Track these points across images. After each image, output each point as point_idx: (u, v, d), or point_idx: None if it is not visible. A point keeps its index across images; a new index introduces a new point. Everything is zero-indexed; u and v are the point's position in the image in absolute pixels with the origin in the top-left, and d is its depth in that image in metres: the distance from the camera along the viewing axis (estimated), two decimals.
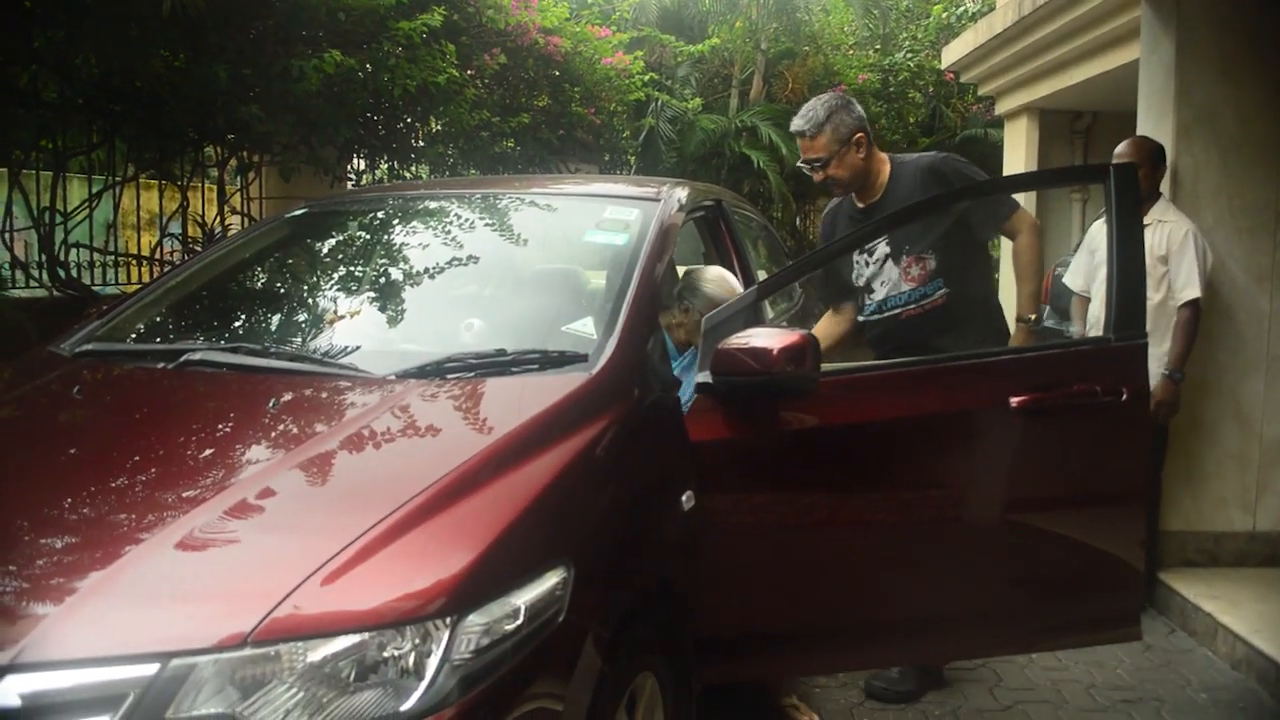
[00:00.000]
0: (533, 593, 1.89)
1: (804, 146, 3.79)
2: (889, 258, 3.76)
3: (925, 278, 3.72)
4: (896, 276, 3.75)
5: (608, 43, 9.07)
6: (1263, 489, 4.93)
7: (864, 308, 3.88)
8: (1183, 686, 4.00)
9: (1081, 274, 4.97)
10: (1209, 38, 4.77)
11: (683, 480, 2.52)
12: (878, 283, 3.80)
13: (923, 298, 3.72)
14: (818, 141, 3.76)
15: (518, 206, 3.39)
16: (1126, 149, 4.58)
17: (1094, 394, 2.82)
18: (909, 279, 3.72)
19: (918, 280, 3.72)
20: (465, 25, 6.92)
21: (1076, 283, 5.02)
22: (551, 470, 2.11)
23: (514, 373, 2.45)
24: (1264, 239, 4.84)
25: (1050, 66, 7.89)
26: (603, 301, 2.70)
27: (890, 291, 3.77)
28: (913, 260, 3.72)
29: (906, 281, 3.73)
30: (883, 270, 3.78)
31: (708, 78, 12.65)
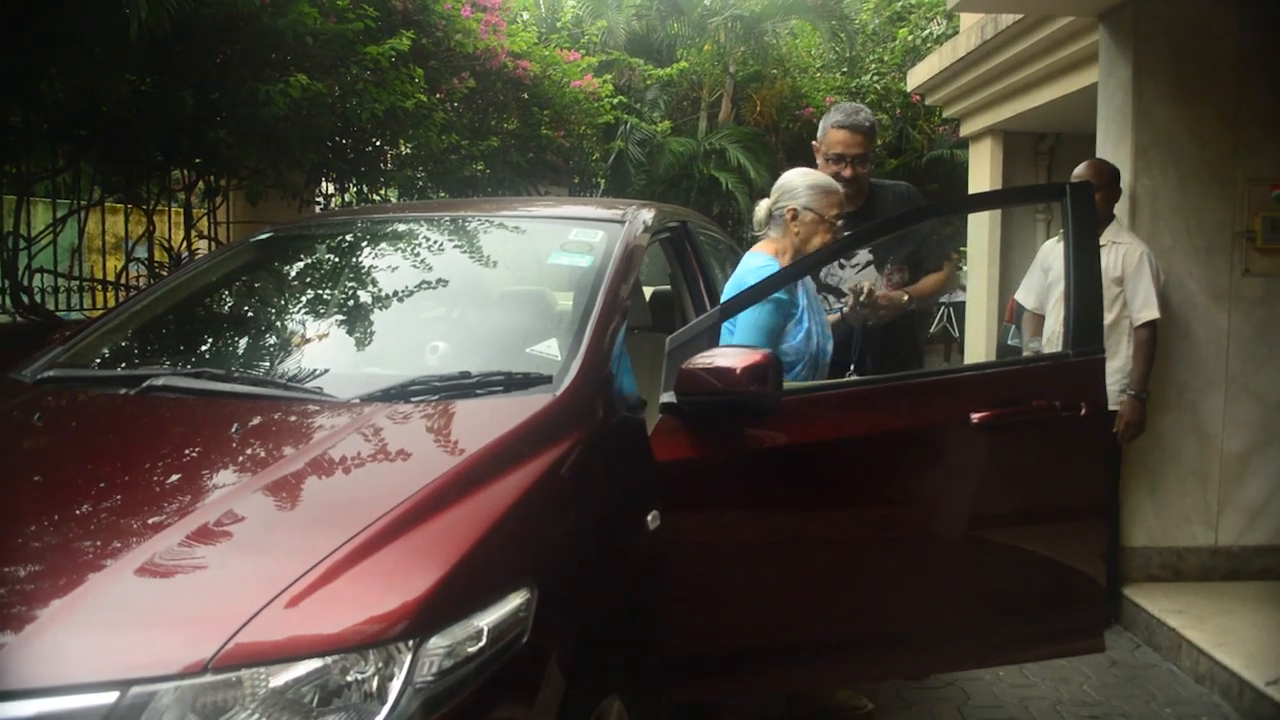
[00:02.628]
0: (496, 614, 1.89)
1: (851, 141, 3.94)
2: (871, 264, 3.95)
3: (900, 286, 3.95)
4: (880, 283, 3.93)
5: (576, 66, 9.12)
6: (1224, 504, 5.00)
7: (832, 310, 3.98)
8: (1148, 701, 4.04)
9: (1034, 292, 5.06)
10: (1165, 62, 4.86)
11: (648, 500, 2.53)
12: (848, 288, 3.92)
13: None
14: (866, 140, 3.95)
15: (483, 229, 3.39)
16: (1084, 171, 4.67)
17: (1053, 409, 2.86)
18: (890, 285, 3.92)
19: (895, 288, 3.92)
20: (434, 49, 6.95)
21: (1029, 300, 5.11)
22: (515, 492, 2.12)
23: (478, 395, 2.46)
24: (1221, 258, 4.92)
25: (1013, 89, 7.98)
26: (567, 323, 2.72)
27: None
28: (894, 269, 3.95)
29: (887, 288, 3.92)
30: (861, 275, 3.95)
31: (676, 101, 12.72)
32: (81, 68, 4.60)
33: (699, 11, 12.59)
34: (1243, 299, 4.96)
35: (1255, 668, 3.97)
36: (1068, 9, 5.78)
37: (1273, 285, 4.97)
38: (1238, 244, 4.94)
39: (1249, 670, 3.96)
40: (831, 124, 4.00)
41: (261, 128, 5.26)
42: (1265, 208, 4.93)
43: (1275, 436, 4.99)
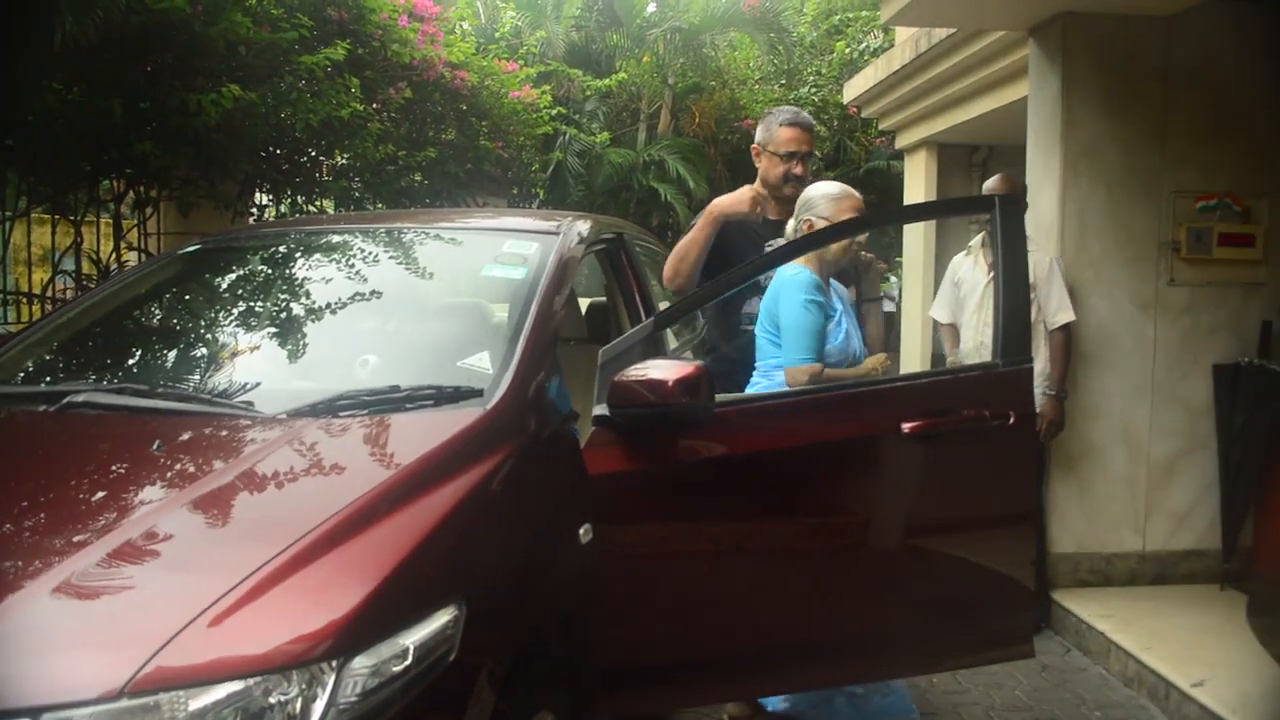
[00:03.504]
0: (422, 632, 1.87)
1: (801, 138, 4.05)
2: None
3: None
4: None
5: (515, 77, 9.09)
6: (1151, 510, 5.10)
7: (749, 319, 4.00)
8: (1078, 705, 4.10)
9: (947, 306, 5.15)
10: (1093, 76, 4.96)
11: (580, 513, 2.52)
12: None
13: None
14: (812, 138, 4.11)
15: (417, 241, 3.37)
16: (996, 184, 4.79)
17: (983, 418, 2.89)
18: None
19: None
20: (370, 59, 6.88)
21: (943, 315, 5.21)
22: (444, 507, 2.10)
23: (408, 409, 2.43)
24: (1148, 268, 5.03)
25: (947, 102, 8.11)
26: (500, 336, 2.70)
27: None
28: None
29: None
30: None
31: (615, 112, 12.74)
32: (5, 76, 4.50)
33: (638, 23, 12.61)
34: (1168, 308, 5.07)
35: (1181, 670, 4.06)
36: (998, 24, 5.89)
37: (1197, 295, 5.09)
38: (1163, 254, 5.05)
39: (1175, 673, 4.04)
40: (780, 122, 4.06)
41: (193, 138, 5.17)
42: (1190, 219, 5.05)
43: (1200, 443, 5.11)
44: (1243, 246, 5.10)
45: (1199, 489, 5.13)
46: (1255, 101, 5.06)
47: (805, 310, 3.39)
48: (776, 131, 4.04)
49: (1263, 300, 5.13)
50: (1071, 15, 4.91)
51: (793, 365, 3.37)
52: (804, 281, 3.43)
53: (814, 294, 3.42)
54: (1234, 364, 5.02)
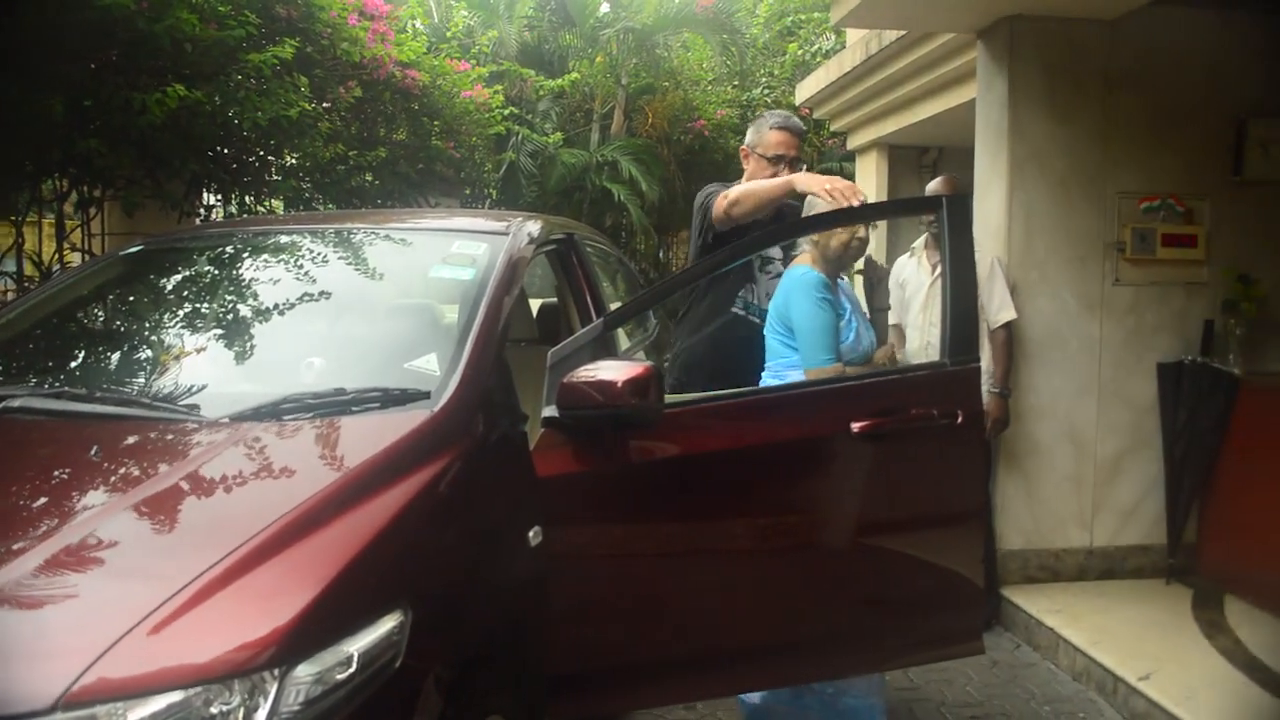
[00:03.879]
0: (367, 639, 1.85)
1: (791, 142, 4.07)
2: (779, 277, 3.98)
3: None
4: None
5: (467, 76, 9.03)
6: (1098, 506, 5.17)
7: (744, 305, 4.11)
8: (1028, 700, 4.15)
9: (893, 307, 5.18)
10: (1039, 79, 5.02)
11: (530, 516, 2.51)
12: (763, 290, 4.08)
13: None
14: (801, 143, 4.13)
15: (365, 241, 3.33)
16: (939, 186, 4.85)
17: (931, 417, 2.92)
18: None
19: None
20: (319, 58, 6.80)
21: (890, 316, 5.25)
22: (389, 512, 2.08)
23: (354, 412, 2.40)
24: (1094, 268, 5.10)
25: (897, 104, 8.16)
26: (448, 337, 2.68)
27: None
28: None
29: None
30: (771, 283, 4.03)
31: (569, 112, 12.69)
32: None
33: (591, 23, 12.58)
34: (1114, 308, 5.14)
35: (1129, 664, 4.11)
36: (946, 26, 5.94)
37: (1141, 294, 5.17)
38: (1108, 255, 5.13)
39: (1123, 667, 4.10)
40: (771, 125, 4.08)
41: (137, 137, 5.09)
42: (1134, 220, 5.13)
43: (1145, 440, 5.19)
44: (1185, 247, 5.19)
45: (1144, 486, 5.21)
46: (1195, 103, 5.16)
47: (819, 310, 3.43)
48: (767, 135, 4.07)
49: (1205, 300, 5.23)
50: (1017, 19, 4.96)
51: (815, 368, 3.40)
52: (813, 281, 3.47)
53: (824, 293, 3.46)
54: (1178, 362, 5.11)
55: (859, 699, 3.38)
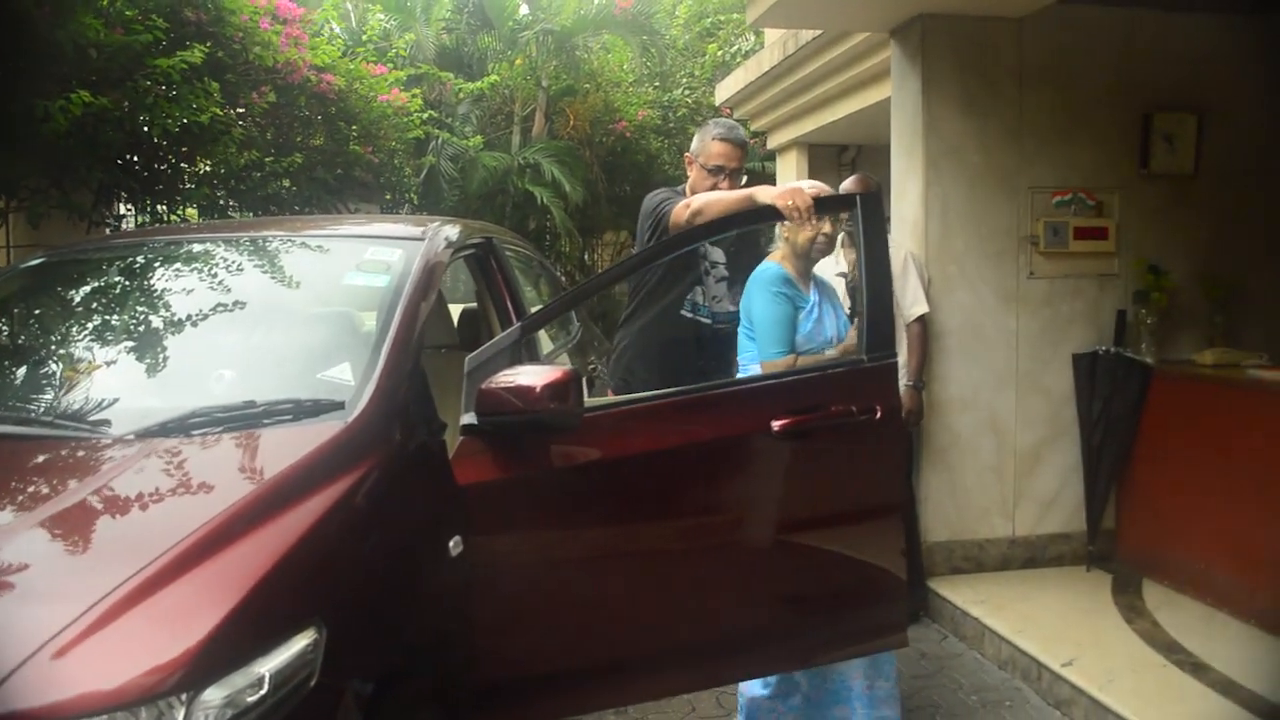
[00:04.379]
0: (280, 658, 1.81)
1: (732, 154, 4.07)
2: (725, 280, 4.13)
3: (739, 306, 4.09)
4: (726, 297, 4.13)
5: (384, 80, 8.92)
6: (1019, 496, 5.26)
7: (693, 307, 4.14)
8: (955, 690, 4.20)
9: None
10: (952, 76, 5.09)
11: (450, 526, 2.47)
12: (711, 293, 4.15)
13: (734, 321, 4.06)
14: (743, 154, 4.13)
15: (277, 249, 3.24)
16: (852, 184, 4.90)
17: (851, 413, 2.94)
18: (734, 303, 4.08)
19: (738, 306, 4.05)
20: (230, 62, 6.67)
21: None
22: (302, 526, 2.03)
23: (265, 425, 2.35)
24: (1009, 263, 5.18)
25: (815, 103, 8.25)
26: (362, 346, 2.62)
27: (721, 308, 4.14)
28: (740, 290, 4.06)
29: (731, 304, 4.10)
30: (717, 286, 4.15)
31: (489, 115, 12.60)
32: None
33: (510, 25, 12.51)
34: (1029, 300, 5.23)
35: (1051, 651, 4.19)
36: (860, 25, 6.00)
37: (1055, 286, 5.27)
38: (1023, 248, 5.22)
39: (1046, 654, 4.17)
40: (713, 136, 4.09)
41: (41, 146, 4.94)
42: (1047, 214, 5.22)
43: (1063, 430, 5.29)
44: (1097, 239, 5.30)
45: (1063, 474, 5.31)
46: (1104, 99, 5.27)
47: (774, 303, 3.53)
48: (708, 145, 4.08)
49: (1117, 291, 5.35)
50: (929, 17, 5.03)
51: (768, 359, 3.51)
52: (771, 276, 3.58)
53: (780, 287, 3.55)
54: (1092, 353, 5.21)
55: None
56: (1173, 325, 5.37)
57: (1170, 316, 5.34)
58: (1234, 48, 5.42)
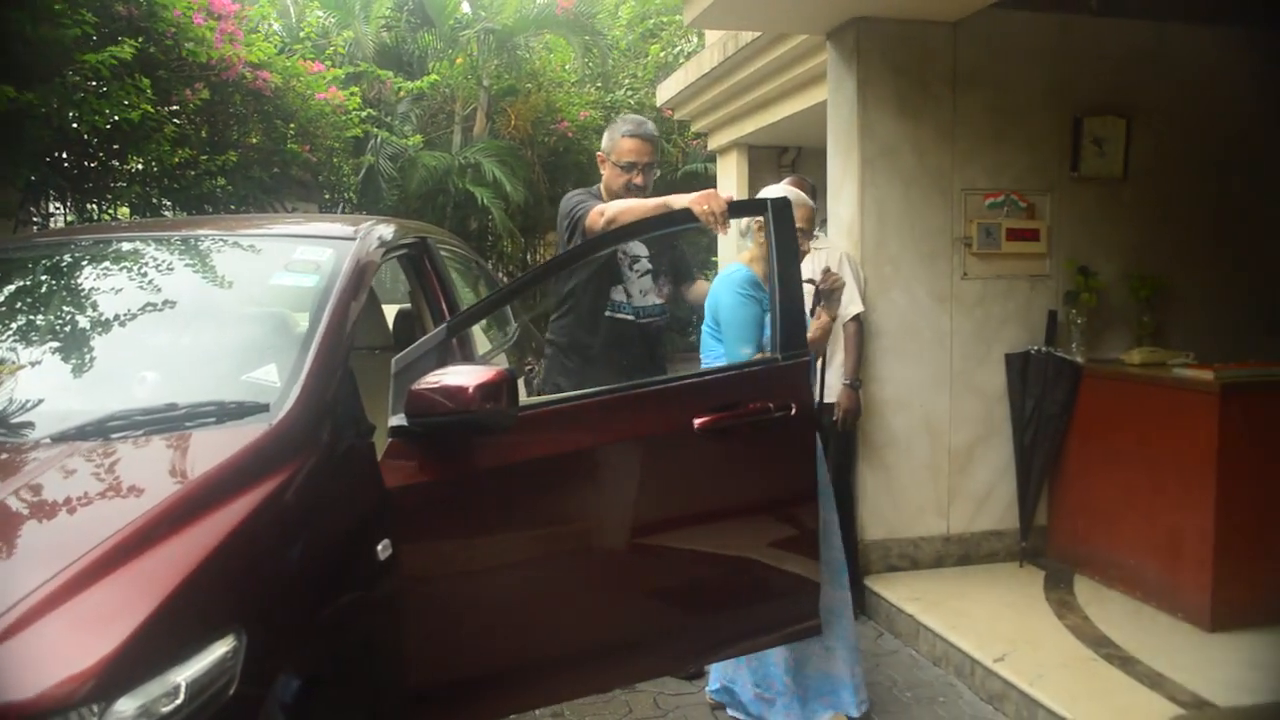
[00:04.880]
0: (197, 666, 1.77)
1: (642, 149, 4.13)
2: (650, 273, 4.17)
3: (668, 297, 4.26)
4: (652, 290, 4.18)
5: (322, 78, 8.84)
6: (954, 494, 5.32)
7: (616, 306, 4.17)
8: (890, 687, 4.24)
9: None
10: (886, 79, 5.14)
11: (378, 529, 2.44)
12: (636, 289, 4.17)
13: (662, 313, 4.27)
14: (653, 148, 4.19)
15: (207, 248, 3.19)
16: (787, 185, 4.90)
17: (768, 410, 3.02)
18: (660, 295, 4.19)
19: (665, 298, 4.25)
20: (163, 58, 6.59)
21: None
22: (222, 531, 1.99)
23: (188, 427, 2.30)
24: (943, 263, 5.24)
25: (755, 104, 8.28)
26: (289, 347, 2.58)
27: (648, 302, 4.20)
28: (666, 280, 4.25)
29: (658, 297, 4.19)
30: (641, 280, 4.18)
31: (429, 114, 12.50)
32: None
33: (450, 24, 12.42)
34: (962, 301, 5.30)
35: (984, 647, 4.24)
36: (797, 27, 6.04)
37: (988, 287, 5.34)
38: (957, 249, 5.28)
39: (979, 650, 4.22)
40: (622, 133, 4.13)
41: None
42: (980, 215, 5.29)
43: (996, 428, 5.36)
44: (1029, 241, 5.38)
45: (996, 472, 5.39)
46: (1036, 102, 5.36)
47: (742, 305, 3.61)
48: (619, 142, 4.11)
49: (1048, 291, 5.43)
50: (864, 20, 5.07)
51: (736, 359, 3.57)
52: (739, 279, 3.66)
53: (748, 289, 3.63)
54: (1024, 352, 5.30)
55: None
56: (1102, 325, 5.48)
57: (1100, 317, 5.45)
58: (1162, 53, 5.54)
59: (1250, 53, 5.65)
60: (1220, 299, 5.67)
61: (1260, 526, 4.36)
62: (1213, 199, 5.67)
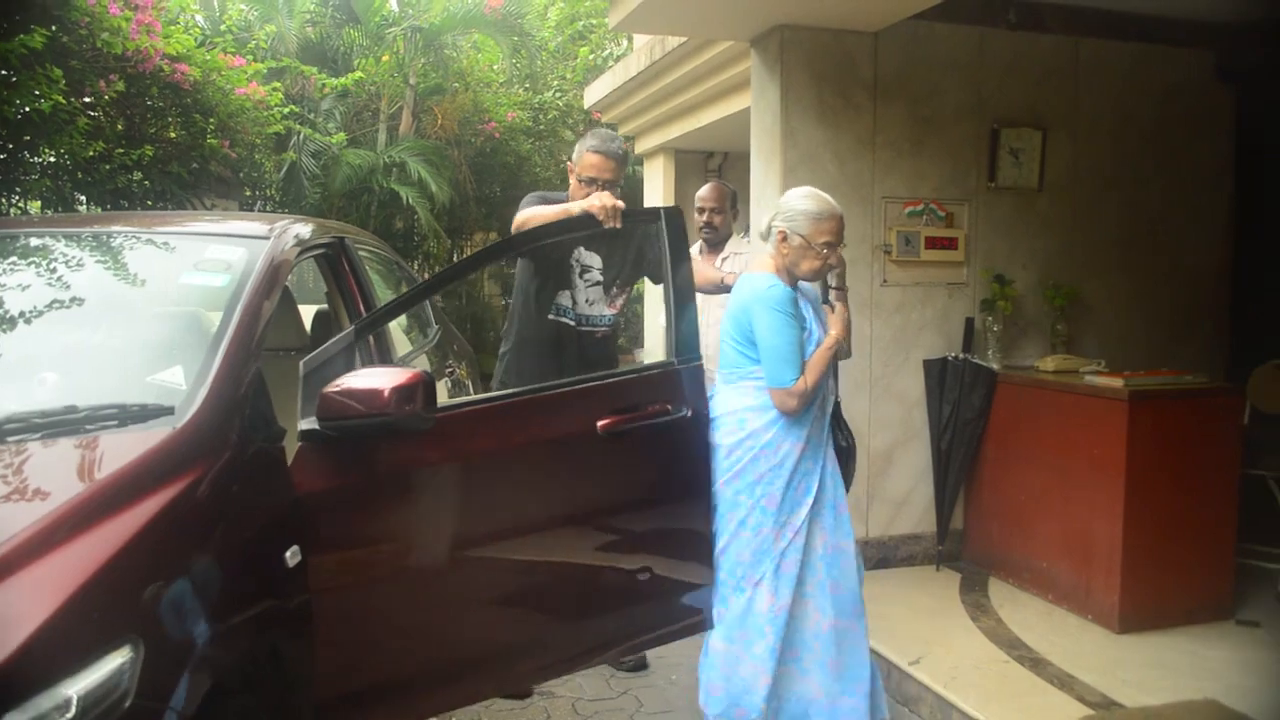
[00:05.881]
0: (89, 679, 1.72)
1: (604, 165, 4.12)
2: (600, 284, 4.18)
3: (620, 310, 4.27)
4: (602, 300, 4.18)
5: (243, 72, 8.66)
6: (873, 498, 5.38)
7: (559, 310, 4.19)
8: None
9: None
10: (809, 87, 5.18)
11: (287, 535, 2.40)
12: (583, 298, 4.18)
13: (610, 324, 4.26)
14: (618, 166, 4.17)
15: (116, 245, 3.10)
16: (707, 192, 4.97)
17: (666, 413, 3.15)
18: (612, 306, 4.20)
19: (616, 310, 4.25)
20: (76, 48, 6.41)
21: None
22: (120, 538, 1.92)
23: (88, 431, 2.23)
24: (864, 270, 5.30)
25: (682, 109, 8.31)
26: (197, 348, 2.52)
27: (594, 311, 4.20)
28: (619, 292, 4.25)
29: (609, 308, 4.20)
30: (590, 290, 4.19)
31: (354, 112, 12.32)
32: None
33: (377, 21, 12.26)
34: (883, 307, 5.36)
35: (901, 649, 4.29)
36: (721, 33, 6.06)
37: (907, 294, 5.41)
38: (877, 256, 5.35)
39: (895, 653, 4.27)
40: (587, 148, 4.15)
41: None
42: (899, 224, 5.37)
43: (914, 433, 5.44)
44: (947, 249, 5.47)
45: (915, 476, 5.46)
46: (954, 113, 5.45)
47: (787, 326, 3.34)
48: (584, 156, 4.16)
49: (966, 299, 5.53)
50: (788, 28, 5.11)
51: (783, 385, 3.32)
52: (779, 297, 3.36)
53: (790, 308, 3.36)
54: (942, 359, 5.38)
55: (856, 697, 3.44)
56: (1018, 333, 5.59)
57: (1015, 324, 5.55)
58: (1077, 67, 5.67)
59: (1160, 68, 5.82)
60: (1131, 308, 5.83)
61: (1166, 531, 4.48)
62: (1123, 210, 5.82)
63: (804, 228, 3.43)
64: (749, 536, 3.34)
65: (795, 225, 3.44)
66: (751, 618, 3.33)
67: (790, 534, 3.36)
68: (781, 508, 3.35)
